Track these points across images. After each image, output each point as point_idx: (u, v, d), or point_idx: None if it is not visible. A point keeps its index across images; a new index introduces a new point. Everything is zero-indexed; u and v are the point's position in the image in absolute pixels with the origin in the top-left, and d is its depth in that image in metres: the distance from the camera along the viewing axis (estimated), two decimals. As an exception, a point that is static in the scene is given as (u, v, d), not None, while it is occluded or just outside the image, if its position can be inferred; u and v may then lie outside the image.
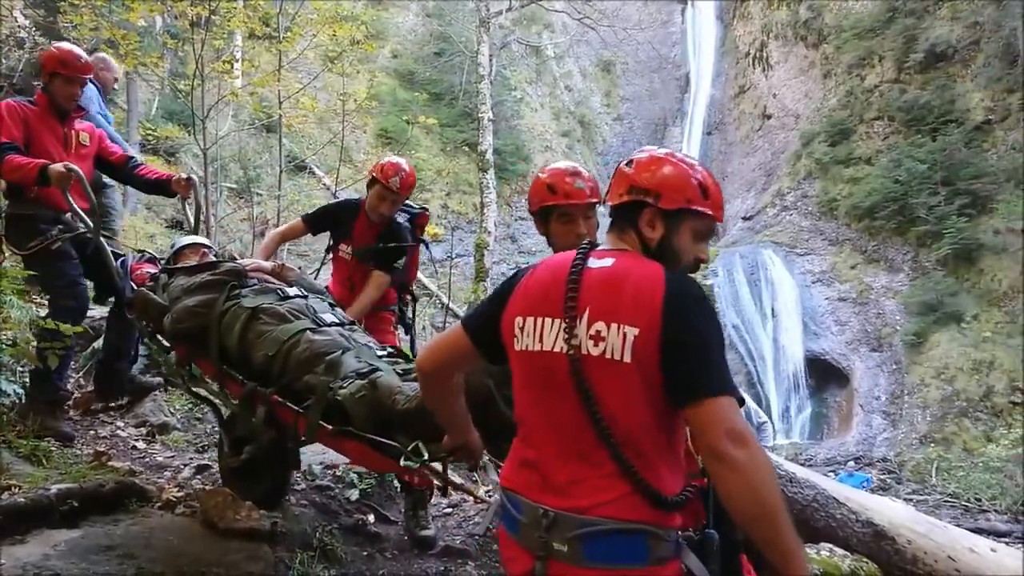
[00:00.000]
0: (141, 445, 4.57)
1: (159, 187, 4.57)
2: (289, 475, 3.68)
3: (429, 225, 4.99)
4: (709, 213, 1.90)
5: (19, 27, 11.81)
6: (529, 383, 1.91)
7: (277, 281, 3.60)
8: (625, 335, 1.73)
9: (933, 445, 15.40)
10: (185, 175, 4.46)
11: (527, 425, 1.92)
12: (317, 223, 4.52)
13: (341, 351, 2.92)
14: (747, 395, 8.96)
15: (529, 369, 1.90)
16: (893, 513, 3.97)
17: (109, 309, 4.66)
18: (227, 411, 3.48)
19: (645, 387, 1.72)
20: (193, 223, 4.64)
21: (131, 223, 10.59)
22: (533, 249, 22.06)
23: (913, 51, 21.27)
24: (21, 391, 4.30)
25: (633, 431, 1.74)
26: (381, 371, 2.75)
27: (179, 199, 4.73)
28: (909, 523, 3.88)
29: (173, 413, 5.16)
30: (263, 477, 3.44)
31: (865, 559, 3.92)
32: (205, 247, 4.02)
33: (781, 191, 23.89)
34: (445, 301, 13.78)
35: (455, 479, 2.66)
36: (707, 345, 1.71)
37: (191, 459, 4.45)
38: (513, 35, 25.64)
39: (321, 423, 2.71)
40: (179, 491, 3.68)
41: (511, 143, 23.70)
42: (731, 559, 2.18)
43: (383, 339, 4.19)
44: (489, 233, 11.70)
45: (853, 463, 15.92)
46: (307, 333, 3.03)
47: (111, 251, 4.13)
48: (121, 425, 4.75)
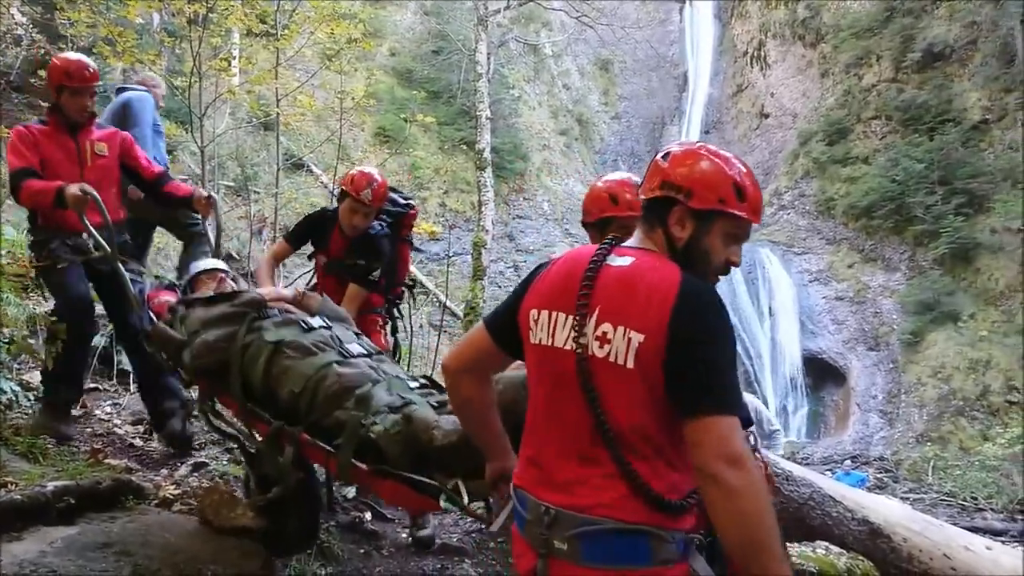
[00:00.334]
0: (138, 442, 4.57)
1: (182, 204, 4.51)
2: (318, 517, 3.48)
3: (426, 223, 4.97)
4: (743, 216, 1.79)
5: (16, 24, 11.78)
6: (540, 378, 1.88)
7: (298, 310, 3.49)
8: (630, 340, 1.68)
9: (930, 444, 15.43)
10: (206, 193, 4.39)
11: (535, 421, 1.89)
12: (298, 239, 4.45)
13: (371, 384, 2.82)
14: (756, 399, 8.91)
15: (540, 363, 1.87)
16: (889, 511, 3.97)
17: (126, 344, 4.51)
18: (253, 448, 3.32)
19: (649, 393, 1.68)
20: (214, 244, 4.55)
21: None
22: (531, 248, 22.07)
23: (911, 50, 21.29)
24: (18, 388, 4.29)
25: (636, 434, 1.71)
26: (415, 404, 2.65)
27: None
28: (905, 521, 3.88)
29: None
30: (290, 518, 3.25)
31: (861, 557, 3.92)
32: (223, 272, 3.89)
33: (779, 190, 23.91)
34: (443, 299, 13.79)
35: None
36: (712, 360, 1.65)
37: (188, 457, 4.45)
38: (511, 33, 25.64)
39: (354, 462, 2.60)
40: (176, 489, 3.69)
41: (509, 141, 23.69)
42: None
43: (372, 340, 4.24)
44: (487, 231, 11.66)
45: (850, 462, 15.94)
46: (334, 366, 2.91)
47: (129, 277, 4.01)
48: (118, 423, 4.75)
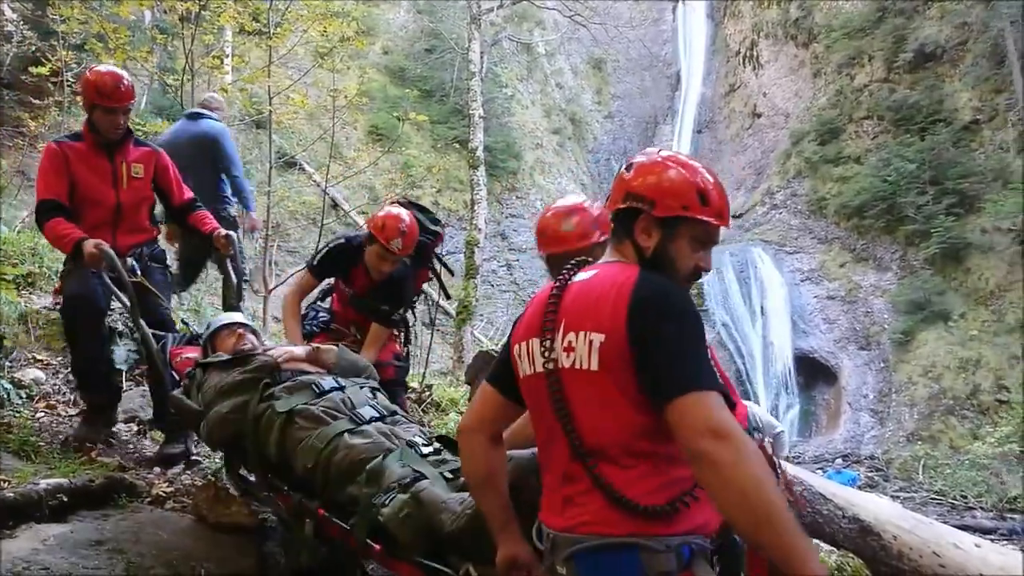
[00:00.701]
0: (131, 440, 4.55)
1: (204, 239, 4.36)
2: None
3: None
4: (709, 220, 1.79)
5: (7, 21, 11.74)
6: (533, 409, 1.88)
7: (314, 368, 3.37)
8: (591, 342, 1.68)
9: (920, 443, 15.53)
10: (225, 232, 4.25)
11: (540, 452, 1.89)
12: (323, 272, 4.32)
13: (383, 455, 2.72)
14: (756, 406, 8.79)
15: (530, 395, 1.87)
16: (879, 509, 3.99)
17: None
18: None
19: (618, 393, 1.66)
20: (235, 285, 4.43)
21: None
22: (524, 246, 22.09)
23: (902, 51, 21.42)
24: (10, 386, 4.28)
25: (606, 441, 1.68)
26: (426, 478, 2.56)
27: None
28: (895, 519, 3.91)
29: (162, 409, 5.12)
30: None
31: (851, 555, 3.95)
32: (242, 327, 3.74)
33: (771, 189, 23.99)
34: (435, 298, 13.75)
35: None
36: (676, 341, 1.62)
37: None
38: (504, 32, 25.64)
39: (369, 542, 2.53)
40: (169, 486, 3.68)
41: (502, 140, 23.71)
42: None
43: (388, 346, 4.29)
44: (479, 230, 11.70)
45: (841, 460, 16.03)
46: (345, 437, 2.82)
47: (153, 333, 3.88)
48: (110, 420, 4.73)
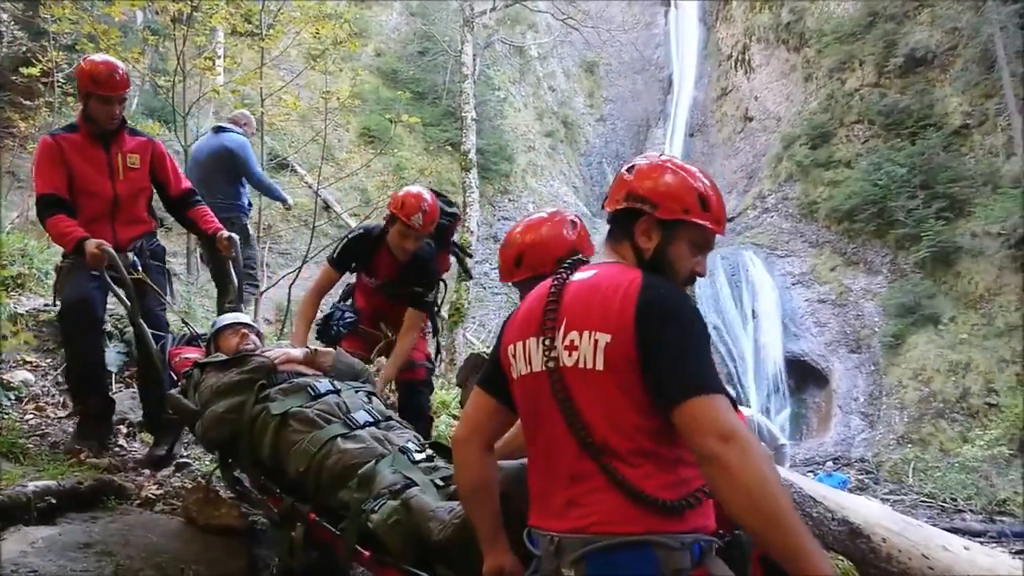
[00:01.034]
0: (120, 442, 4.53)
1: (204, 239, 4.34)
2: None
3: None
4: (708, 225, 1.81)
5: (-3, 21, 11.69)
6: (526, 411, 1.86)
7: (310, 371, 3.36)
8: (596, 342, 1.67)
9: (910, 446, 15.58)
10: (227, 234, 4.18)
11: (533, 455, 1.86)
12: (344, 263, 4.22)
13: (375, 460, 2.72)
14: (760, 415, 8.80)
15: (525, 395, 1.85)
16: (868, 511, 4.01)
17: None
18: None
19: (623, 393, 1.66)
20: (235, 287, 4.40)
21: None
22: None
23: (893, 55, 21.51)
24: (-1, 388, 4.26)
25: (617, 439, 1.66)
26: (416, 485, 2.56)
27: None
28: (884, 521, 3.92)
29: (152, 411, 5.09)
30: None
31: (840, 557, 3.95)
32: (246, 327, 3.70)
33: (762, 193, 24.06)
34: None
35: None
36: (682, 344, 1.63)
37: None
38: (497, 35, 25.68)
39: (358, 548, 2.53)
40: (158, 489, 3.66)
41: (494, 143, 23.71)
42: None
43: (417, 345, 4.24)
44: (472, 233, 11.67)
45: (832, 463, 16.07)
46: (338, 441, 2.83)
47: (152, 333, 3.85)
48: (100, 422, 4.70)
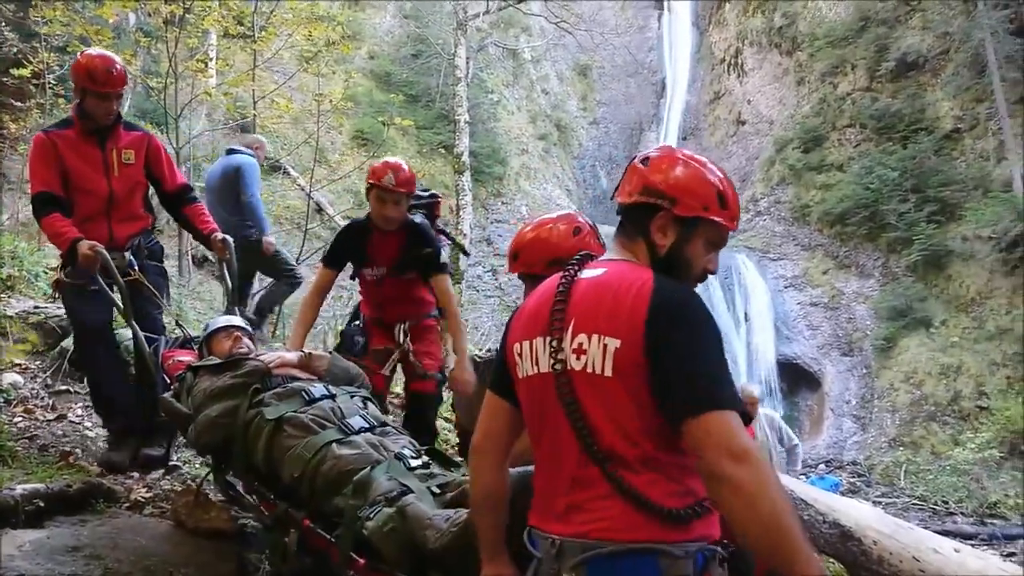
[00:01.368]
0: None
1: (200, 238, 4.31)
2: None
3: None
4: (724, 223, 1.75)
5: (-11, 22, 11.63)
6: (531, 411, 1.80)
7: (305, 375, 3.32)
8: (606, 347, 1.61)
9: (902, 448, 15.63)
10: (221, 236, 4.15)
11: (538, 457, 1.80)
12: (338, 258, 4.12)
13: (370, 467, 2.69)
14: (775, 413, 8.62)
15: (530, 396, 1.79)
16: (859, 514, 4.01)
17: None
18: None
19: (631, 400, 1.60)
20: (230, 290, 4.35)
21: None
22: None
23: (885, 60, 21.60)
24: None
25: (623, 446, 1.61)
26: (412, 492, 2.53)
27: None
28: (875, 524, 3.92)
29: (142, 413, 5.08)
30: None
31: (832, 559, 3.96)
32: (239, 330, 3.67)
33: (755, 196, 24.11)
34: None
35: None
36: (697, 355, 1.56)
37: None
38: (490, 38, 25.71)
39: (353, 555, 2.49)
40: (147, 492, 3.65)
41: (487, 146, 23.72)
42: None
43: (430, 350, 4.14)
44: (464, 236, 11.70)
45: (824, 466, 16.10)
46: (333, 447, 2.80)
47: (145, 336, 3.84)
48: (89, 425, 4.69)
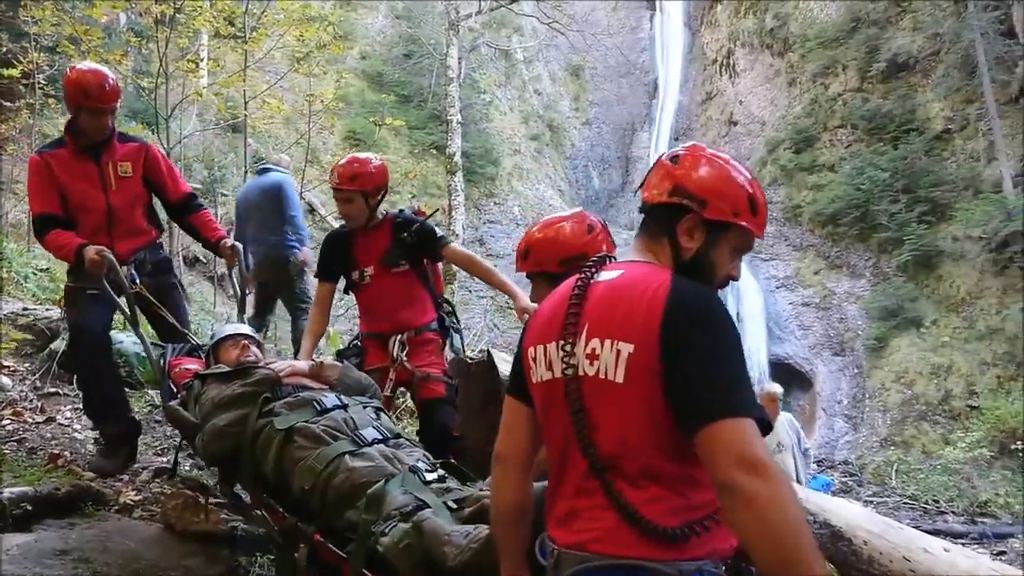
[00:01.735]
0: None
1: (208, 246, 4.25)
2: None
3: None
4: (752, 229, 1.69)
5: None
6: (543, 416, 1.75)
7: (316, 384, 3.26)
8: (619, 352, 1.55)
9: (893, 448, 15.68)
10: (231, 242, 4.09)
11: (550, 460, 1.74)
12: (327, 270, 3.96)
13: (384, 480, 2.61)
14: (792, 416, 8.46)
15: (541, 401, 1.74)
16: (850, 514, 4.02)
17: None
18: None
19: (644, 409, 1.53)
20: (238, 297, 4.29)
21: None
22: (501, 252, 22.06)
23: (875, 61, 21.66)
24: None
25: (627, 458, 1.56)
26: (428, 507, 2.45)
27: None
28: (866, 524, 3.93)
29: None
30: None
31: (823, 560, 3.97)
32: (246, 338, 3.60)
33: (747, 197, 24.15)
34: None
35: None
36: (714, 359, 1.49)
37: (150, 462, 4.38)
38: (482, 38, 25.69)
39: (365, 572, 2.42)
40: (137, 495, 3.63)
41: (480, 146, 23.69)
42: None
43: (430, 363, 3.83)
44: (457, 236, 11.69)
45: (816, 466, 16.13)
46: (346, 459, 2.72)
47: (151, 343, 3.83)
48: (78, 428, 4.67)
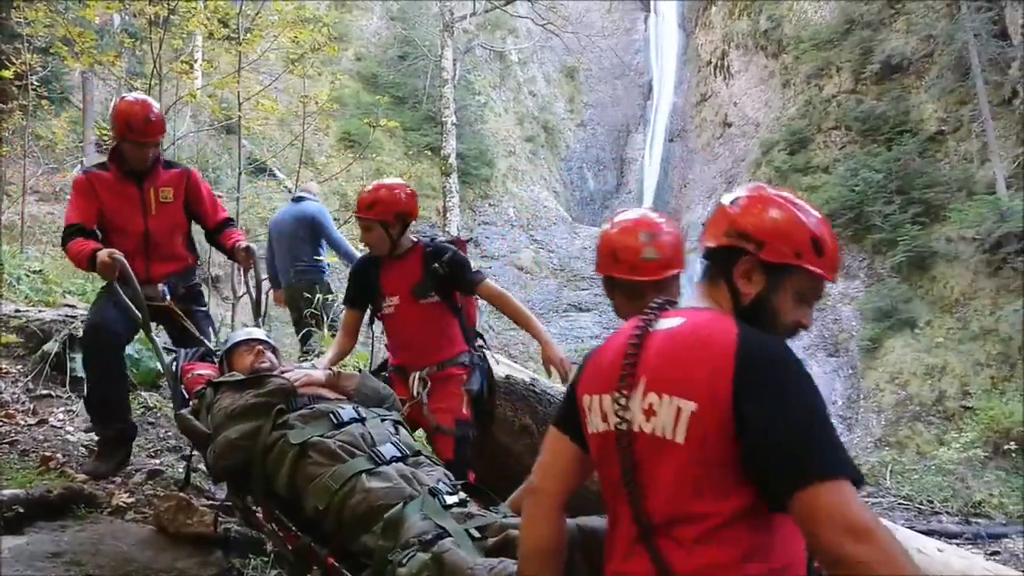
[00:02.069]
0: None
1: (224, 251, 4.27)
2: None
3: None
4: (819, 273, 1.58)
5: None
6: (601, 472, 1.63)
7: (333, 394, 3.17)
8: (679, 410, 1.43)
9: (887, 448, 15.68)
10: (245, 245, 4.08)
11: (608, 518, 1.64)
12: (354, 297, 3.84)
13: (403, 503, 2.48)
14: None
15: (597, 454, 1.63)
16: (844, 515, 4.03)
17: None
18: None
19: (703, 471, 1.42)
20: (254, 301, 4.23)
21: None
22: (496, 254, 22.08)
23: (869, 62, 21.70)
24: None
25: (681, 521, 1.44)
26: (449, 536, 2.29)
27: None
28: (860, 525, 3.94)
29: (125, 417, 5.04)
30: None
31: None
32: (261, 344, 3.50)
33: (741, 198, 24.20)
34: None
35: None
36: (799, 418, 1.37)
37: (143, 464, 4.37)
38: (477, 40, 25.72)
39: None
40: (129, 497, 3.62)
41: (475, 147, 23.70)
42: None
43: (449, 404, 3.58)
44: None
45: (810, 467, 16.17)
46: (362, 478, 2.58)
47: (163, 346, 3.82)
48: (71, 430, 4.66)
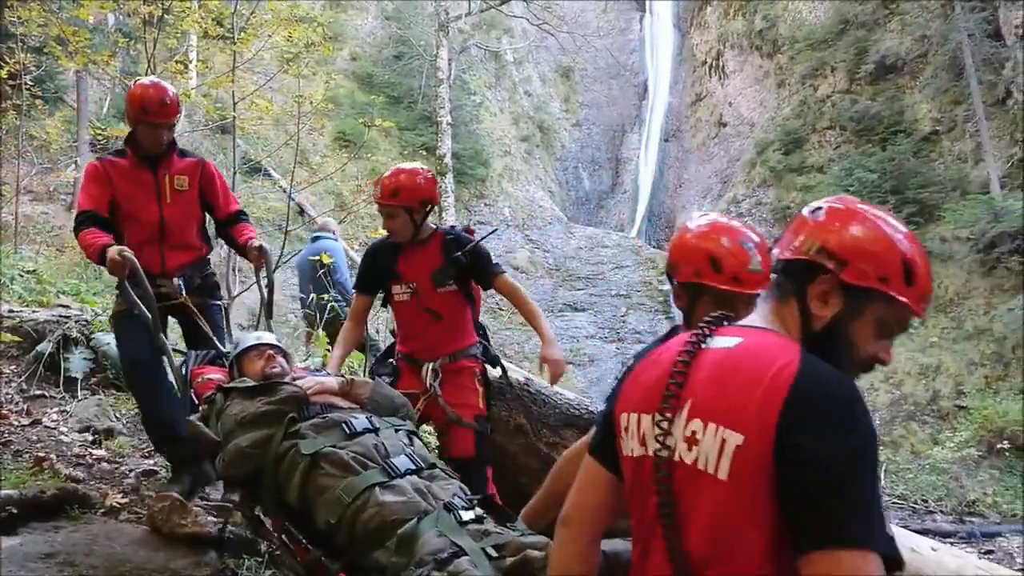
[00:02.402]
0: (85, 450, 4.47)
1: (237, 248, 4.21)
2: None
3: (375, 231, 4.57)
4: (907, 304, 1.38)
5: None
6: (631, 492, 1.51)
7: (346, 403, 3.10)
8: (724, 441, 1.30)
9: (882, 448, 15.70)
10: (257, 243, 3.99)
11: (636, 552, 1.54)
12: (367, 282, 3.82)
13: (417, 518, 2.42)
14: None
15: (630, 476, 1.51)
16: (839, 514, 4.03)
17: None
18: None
19: (744, 510, 1.29)
20: (265, 302, 4.14)
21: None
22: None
23: (864, 62, 21.76)
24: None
25: (719, 561, 1.33)
26: (465, 554, 2.22)
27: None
28: (854, 524, 3.94)
29: (119, 417, 5.02)
30: None
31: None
32: (272, 348, 3.41)
33: (736, 198, 24.21)
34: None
35: None
36: (841, 471, 1.22)
37: (137, 464, 4.36)
38: (472, 39, 25.71)
39: None
40: (123, 497, 3.61)
41: (470, 147, 23.68)
42: None
43: (465, 399, 3.63)
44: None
45: (805, 466, 16.21)
46: (375, 491, 2.51)
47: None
48: (64, 430, 4.64)
